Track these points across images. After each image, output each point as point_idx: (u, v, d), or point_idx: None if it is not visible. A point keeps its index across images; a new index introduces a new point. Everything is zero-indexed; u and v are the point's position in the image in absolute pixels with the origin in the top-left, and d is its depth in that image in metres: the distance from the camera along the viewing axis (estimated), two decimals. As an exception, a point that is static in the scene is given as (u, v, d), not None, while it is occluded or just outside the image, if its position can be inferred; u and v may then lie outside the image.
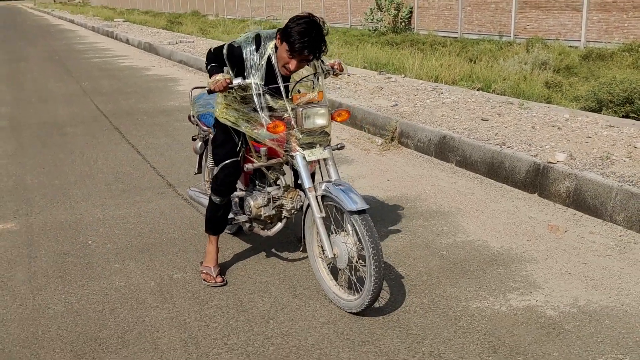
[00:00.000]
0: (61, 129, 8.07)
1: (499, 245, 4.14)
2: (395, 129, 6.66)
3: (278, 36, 3.34)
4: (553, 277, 3.68)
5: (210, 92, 3.39)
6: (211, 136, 3.98)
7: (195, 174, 4.56)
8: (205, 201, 4.15)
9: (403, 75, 9.79)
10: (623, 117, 6.90)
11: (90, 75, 13.40)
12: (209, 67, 3.48)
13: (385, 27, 23.46)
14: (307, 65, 3.47)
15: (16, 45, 22.76)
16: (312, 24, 3.26)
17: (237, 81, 3.35)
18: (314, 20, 3.28)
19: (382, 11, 23.95)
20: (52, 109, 9.55)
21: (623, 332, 3.10)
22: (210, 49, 3.56)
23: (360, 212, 3.16)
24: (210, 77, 3.38)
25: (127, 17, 34.72)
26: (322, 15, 30.46)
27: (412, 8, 24.43)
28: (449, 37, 21.07)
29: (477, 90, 8.45)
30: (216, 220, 3.79)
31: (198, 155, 4.42)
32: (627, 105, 7.23)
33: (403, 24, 24.19)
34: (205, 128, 4.12)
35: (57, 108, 9.65)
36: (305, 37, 3.22)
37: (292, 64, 3.33)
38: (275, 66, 3.41)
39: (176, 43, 17.48)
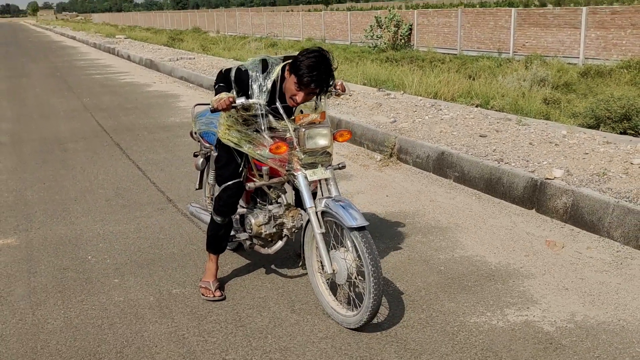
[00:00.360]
0: (62, 145, 8.12)
1: (497, 261, 4.16)
2: (394, 145, 6.70)
3: (287, 67, 3.38)
4: (550, 293, 3.69)
5: (213, 110, 3.42)
6: (213, 154, 4.01)
7: (196, 189, 4.58)
8: (206, 217, 4.17)
9: (402, 92, 9.85)
10: (621, 133, 6.94)
11: (92, 92, 13.49)
12: (216, 86, 3.52)
13: (385, 44, 23.60)
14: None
15: (18, 61, 22.92)
16: (321, 58, 3.28)
17: (240, 101, 3.39)
18: (324, 55, 3.31)
19: (381, 28, 24.12)
20: (53, 125, 9.60)
21: (620, 347, 3.11)
22: (221, 70, 3.61)
23: (359, 229, 3.18)
24: (215, 96, 3.42)
25: (128, 34, 34.98)
26: (322, 32, 30.70)
27: (411, 25, 24.61)
28: (448, 54, 21.21)
29: (476, 106, 8.50)
30: (217, 240, 3.82)
31: (199, 172, 4.45)
32: (625, 121, 7.28)
33: (403, 40, 24.34)
34: (207, 145, 4.16)
35: (58, 124, 9.71)
36: (314, 72, 3.25)
37: (299, 96, 3.36)
38: (277, 89, 3.45)
39: (177, 60, 17.60)
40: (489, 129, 6.73)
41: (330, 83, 3.39)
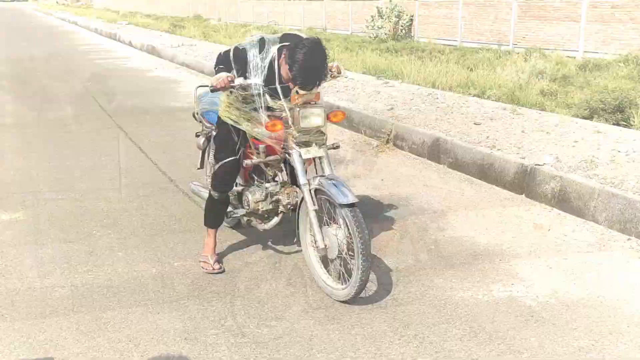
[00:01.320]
0: (66, 127, 8.27)
1: (485, 241, 4.33)
2: (391, 132, 6.86)
3: (284, 53, 3.52)
4: (535, 271, 3.87)
5: (213, 90, 3.60)
6: (214, 133, 4.18)
7: (198, 169, 4.75)
8: (206, 194, 4.34)
9: (400, 81, 10.00)
10: (614, 124, 7.08)
11: (94, 76, 13.60)
12: (216, 68, 3.69)
13: (385, 34, 23.64)
14: None
15: (20, 45, 22.96)
16: (314, 55, 3.41)
17: (238, 80, 3.56)
18: (318, 51, 3.43)
19: (383, 18, 24.15)
20: (56, 108, 9.74)
21: (597, 320, 3.30)
22: (220, 53, 3.78)
23: (350, 206, 3.35)
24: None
25: (130, 20, 34.96)
26: (323, 21, 30.73)
27: (412, 16, 24.66)
28: (448, 45, 21.28)
29: (472, 96, 8.65)
30: (214, 214, 4.00)
31: (201, 151, 4.61)
32: (618, 113, 7.43)
33: (404, 31, 24.37)
34: (208, 125, 4.33)
35: (61, 107, 9.85)
36: (307, 72, 3.41)
37: (292, 86, 3.54)
38: (276, 69, 3.62)
39: (178, 46, 17.70)
40: (484, 118, 6.89)
41: (323, 78, 3.52)
